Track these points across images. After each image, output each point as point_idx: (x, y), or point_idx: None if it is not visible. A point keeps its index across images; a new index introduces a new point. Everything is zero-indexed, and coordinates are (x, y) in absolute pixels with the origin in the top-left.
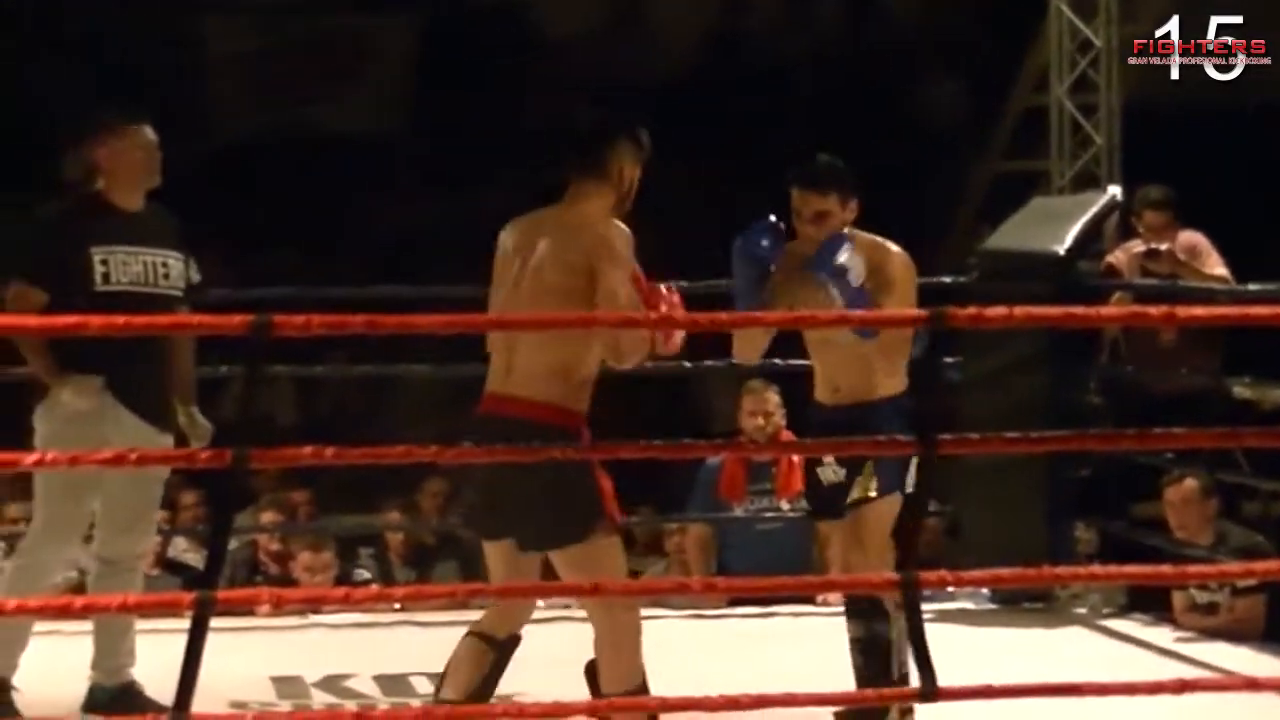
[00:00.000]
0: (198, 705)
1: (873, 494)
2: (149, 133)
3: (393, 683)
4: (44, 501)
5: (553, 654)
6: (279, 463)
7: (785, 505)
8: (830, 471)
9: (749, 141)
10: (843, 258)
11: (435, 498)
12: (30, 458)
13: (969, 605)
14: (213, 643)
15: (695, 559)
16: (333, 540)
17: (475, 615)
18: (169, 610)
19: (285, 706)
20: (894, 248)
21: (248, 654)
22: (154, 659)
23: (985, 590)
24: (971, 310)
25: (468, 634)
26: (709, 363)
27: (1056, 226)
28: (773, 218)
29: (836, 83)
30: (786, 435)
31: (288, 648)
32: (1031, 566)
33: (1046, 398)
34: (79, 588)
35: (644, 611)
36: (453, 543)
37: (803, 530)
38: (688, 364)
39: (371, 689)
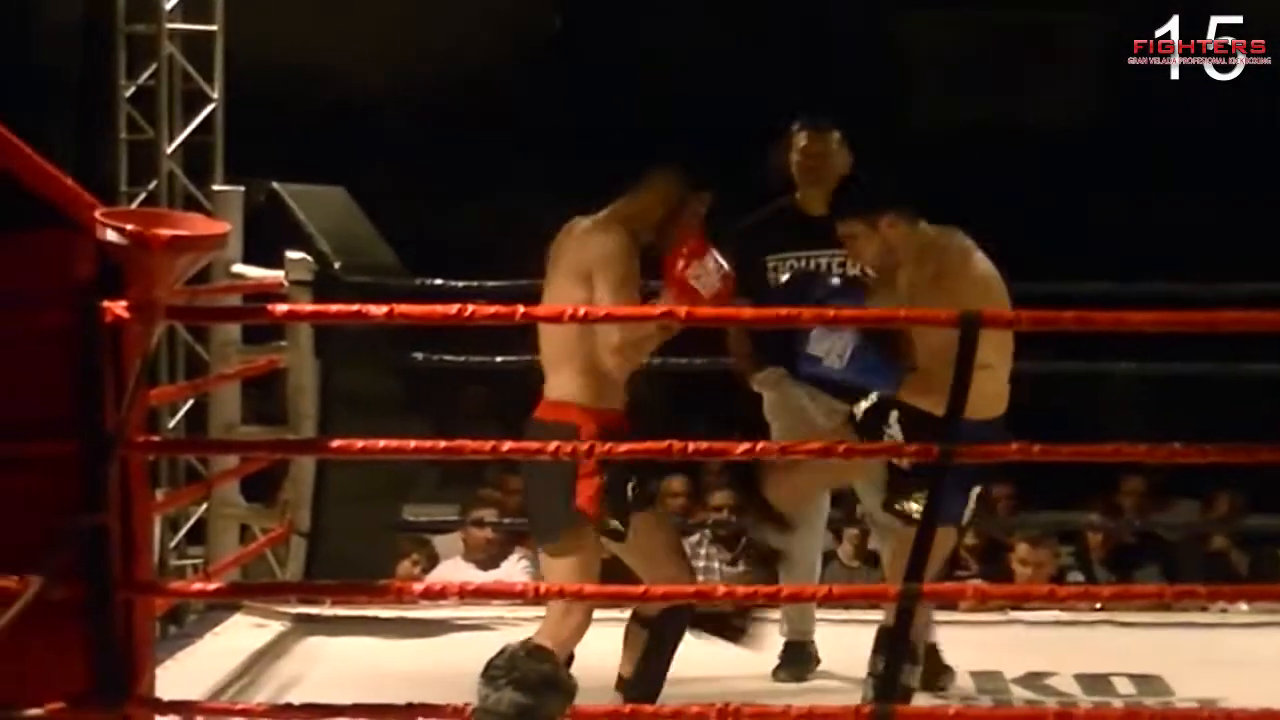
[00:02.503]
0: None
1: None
2: (805, 138)
3: (1094, 682)
4: None
5: None
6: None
7: None
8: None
9: None
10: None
11: (1134, 496)
12: (740, 448)
13: None
14: None
15: None
16: (1054, 537)
17: (1178, 617)
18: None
19: (985, 702)
20: (969, 258)
21: (949, 648)
22: (839, 647)
23: None
24: None
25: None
26: None
27: None
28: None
29: None
30: None
31: (989, 643)
32: None
33: None
34: None
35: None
36: (1155, 543)
37: None
38: None
39: (1073, 688)
